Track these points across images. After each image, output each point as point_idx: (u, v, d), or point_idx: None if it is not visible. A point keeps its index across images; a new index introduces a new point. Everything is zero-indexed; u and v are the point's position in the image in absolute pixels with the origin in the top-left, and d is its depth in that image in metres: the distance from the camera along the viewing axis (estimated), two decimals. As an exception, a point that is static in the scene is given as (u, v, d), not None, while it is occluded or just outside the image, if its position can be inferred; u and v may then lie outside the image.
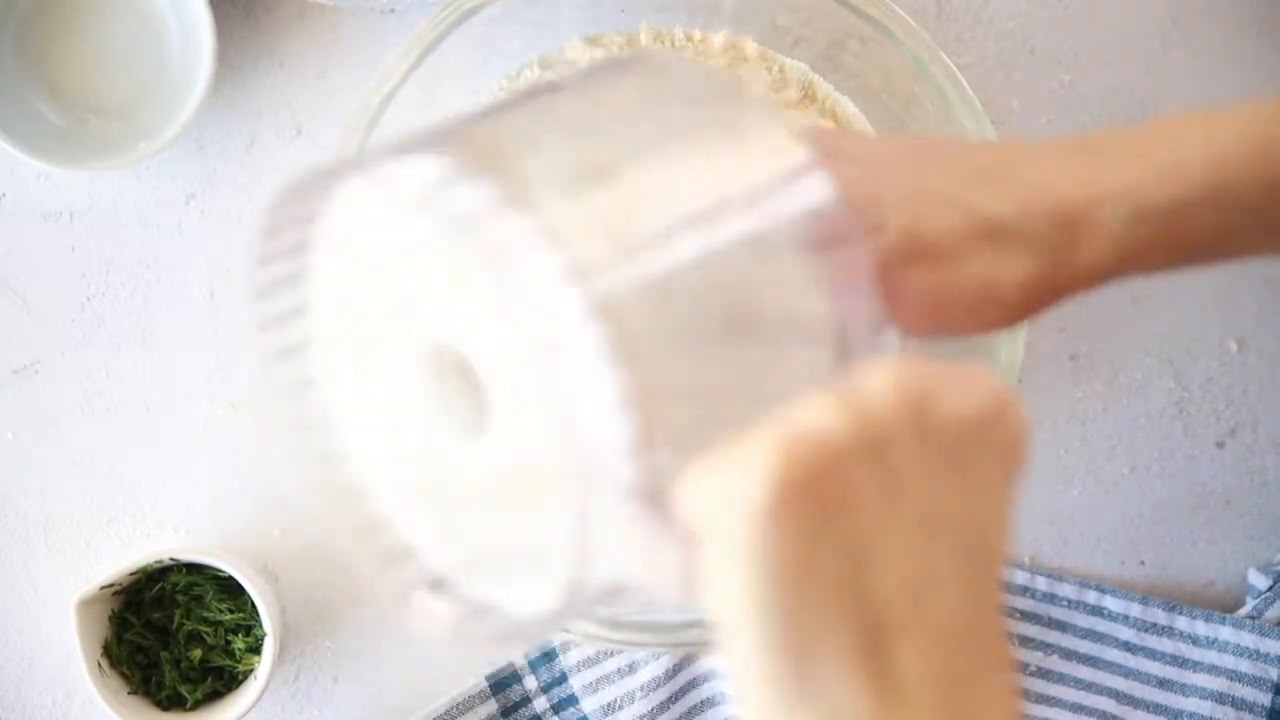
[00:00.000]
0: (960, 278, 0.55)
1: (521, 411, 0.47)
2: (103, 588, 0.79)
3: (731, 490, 0.41)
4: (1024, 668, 0.83)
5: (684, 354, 0.47)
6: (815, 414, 0.42)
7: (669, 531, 0.44)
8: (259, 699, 0.79)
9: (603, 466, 0.44)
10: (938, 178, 0.57)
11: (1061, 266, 0.56)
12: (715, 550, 0.42)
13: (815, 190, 0.50)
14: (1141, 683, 0.83)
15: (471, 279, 0.46)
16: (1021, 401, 0.45)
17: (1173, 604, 0.83)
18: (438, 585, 0.51)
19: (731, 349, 0.48)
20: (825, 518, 0.41)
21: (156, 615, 0.81)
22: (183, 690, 0.81)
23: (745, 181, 0.49)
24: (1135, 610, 0.83)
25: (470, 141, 0.49)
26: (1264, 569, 0.84)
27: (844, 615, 0.41)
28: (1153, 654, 0.83)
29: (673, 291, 0.46)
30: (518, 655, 0.82)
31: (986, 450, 0.44)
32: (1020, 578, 0.83)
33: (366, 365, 0.52)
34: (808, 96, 0.80)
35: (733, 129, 0.51)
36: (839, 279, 0.54)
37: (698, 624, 0.73)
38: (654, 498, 0.44)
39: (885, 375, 0.43)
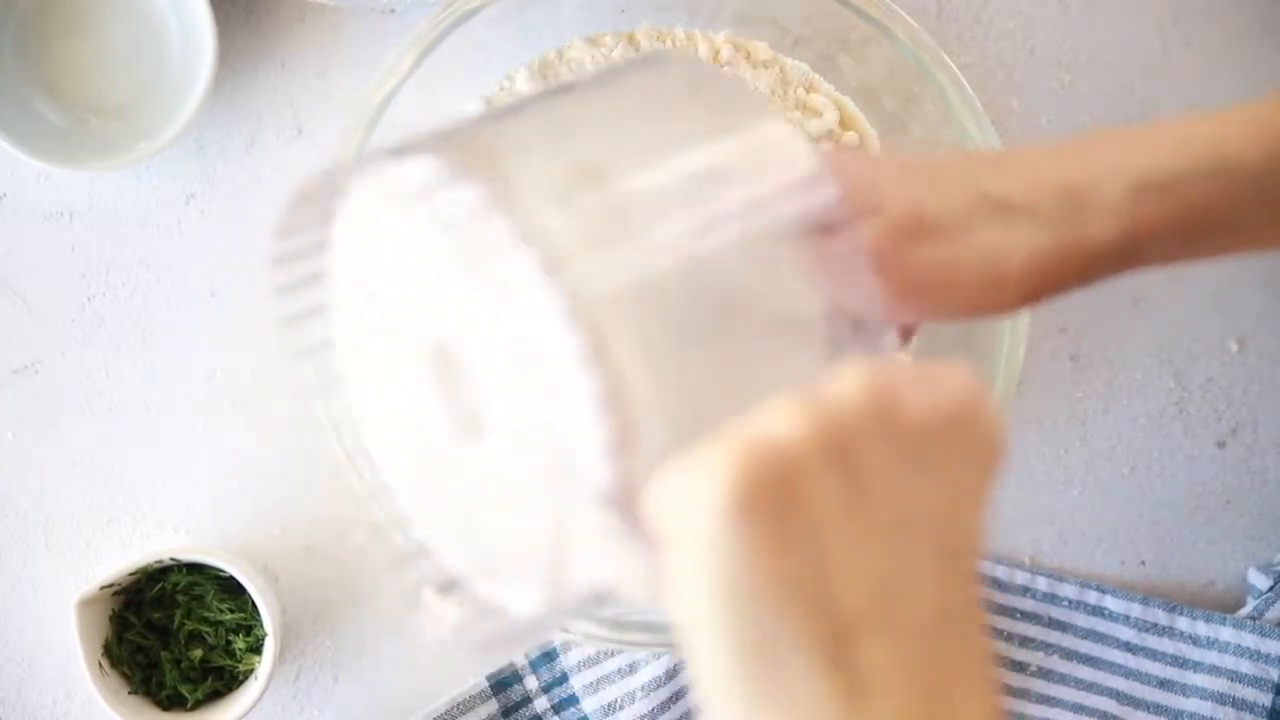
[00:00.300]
0: (964, 251, 0.55)
1: (508, 413, 0.47)
2: (103, 588, 0.79)
3: (692, 494, 0.41)
4: (1024, 668, 0.83)
5: (670, 354, 0.47)
6: (776, 417, 0.42)
7: (638, 535, 0.44)
8: (259, 699, 0.79)
9: (579, 469, 0.44)
10: (939, 159, 0.57)
11: (1069, 242, 0.55)
12: (677, 554, 0.42)
13: (815, 189, 0.50)
14: (1142, 683, 0.83)
15: (459, 279, 0.47)
16: (994, 401, 0.45)
17: (1173, 604, 0.83)
18: (448, 587, 0.51)
19: (722, 349, 0.48)
20: (785, 520, 0.41)
21: (157, 615, 0.81)
22: (183, 690, 0.81)
23: (742, 181, 0.49)
24: (1136, 610, 0.83)
25: (468, 143, 0.49)
26: (1264, 569, 0.84)
27: (807, 616, 0.41)
28: (1153, 654, 0.83)
29: (660, 293, 0.46)
30: (515, 658, 0.82)
31: (958, 449, 0.44)
32: (1021, 578, 0.83)
33: (377, 366, 0.52)
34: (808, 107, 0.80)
35: (732, 128, 0.51)
36: (835, 276, 0.53)
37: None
38: (630, 501, 0.44)
39: (852, 377, 0.43)
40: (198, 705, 0.81)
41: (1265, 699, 0.81)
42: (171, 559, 0.80)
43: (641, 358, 0.45)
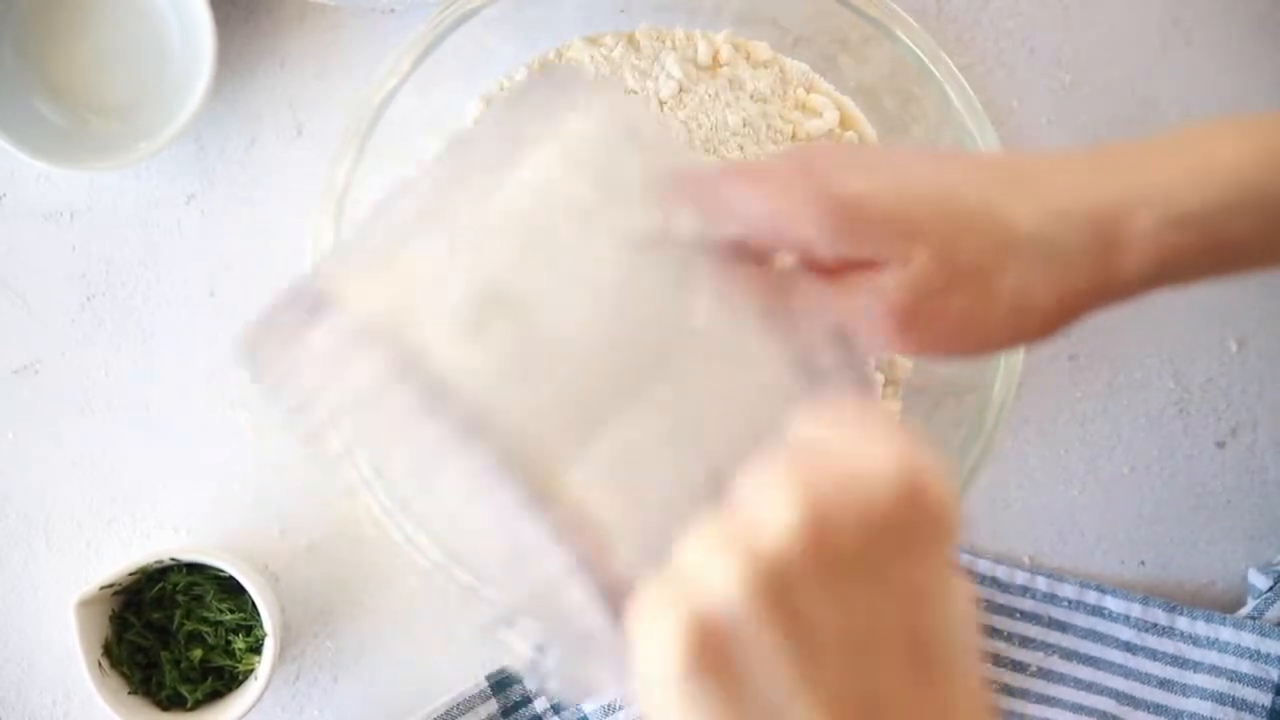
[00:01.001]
0: (993, 299, 0.54)
1: (476, 549, 0.48)
2: (103, 588, 0.79)
3: (648, 654, 0.41)
4: (1024, 668, 0.83)
5: (624, 443, 0.46)
6: (707, 572, 0.41)
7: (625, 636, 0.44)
8: (259, 699, 0.79)
9: (556, 591, 0.45)
10: (964, 185, 0.54)
11: (1105, 277, 0.55)
12: (647, 701, 0.42)
13: (717, 219, 0.49)
14: (1142, 683, 0.83)
15: (385, 449, 0.48)
16: (937, 465, 0.42)
17: (1173, 604, 0.83)
18: (512, 621, 0.52)
19: (678, 409, 0.47)
20: (737, 679, 0.41)
21: (157, 615, 0.81)
22: (183, 690, 0.81)
23: (648, 243, 0.48)
24: (1136, 610, 0.83)
25: (370, 283, 0.48)
26: (1264, 569, 0.84)
27: None
28: (1153, 654, 0.83)
29: (595, 392, 0.46)
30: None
31: (908, 537, 0.42)
32: (1020, 578, 0.83)
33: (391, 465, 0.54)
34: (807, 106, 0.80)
35: (625, 178, 0.50)
36: (780, 308, 0.52)
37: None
38: (621, 598, 0.44)
39: (775, 500, 0.41)
40: (198, 705, 0.81)
41: (1265, 699, 0.81)
42: (171, 559, 0.80)
43: (598, 470, 0.45)
